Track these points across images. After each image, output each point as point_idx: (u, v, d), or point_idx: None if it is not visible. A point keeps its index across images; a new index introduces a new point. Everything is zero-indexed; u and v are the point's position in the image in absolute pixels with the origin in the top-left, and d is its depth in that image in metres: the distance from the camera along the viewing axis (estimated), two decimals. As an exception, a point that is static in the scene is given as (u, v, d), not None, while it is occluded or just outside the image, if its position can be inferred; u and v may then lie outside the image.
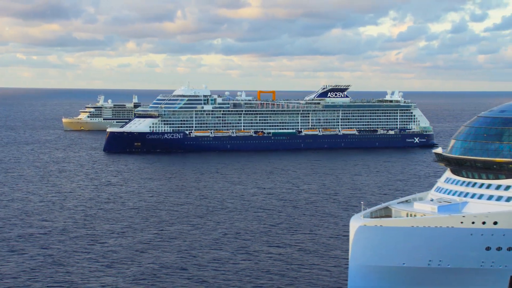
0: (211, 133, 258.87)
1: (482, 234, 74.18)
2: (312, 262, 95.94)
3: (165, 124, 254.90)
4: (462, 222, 74.55)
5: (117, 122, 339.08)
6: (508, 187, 77.14)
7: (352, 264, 78.04)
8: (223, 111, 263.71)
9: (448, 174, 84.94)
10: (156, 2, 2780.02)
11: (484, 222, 73.87)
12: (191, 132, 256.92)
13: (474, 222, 74.08)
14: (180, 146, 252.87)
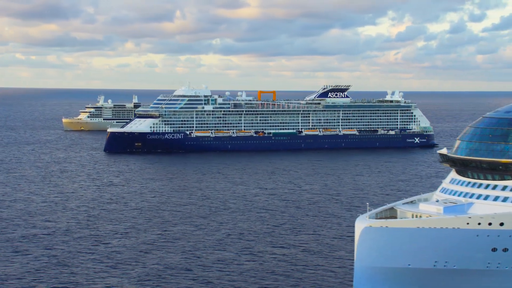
0: (212, 133, 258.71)
1: (488, 235, 74.07)
2: (316, 263, 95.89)
3: (165, 124, 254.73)
4: (468, 223, 74.42)
5: (117, 122, 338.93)
6: (514, 188, 77.09)
7: (357, 265, 77.92)
8: (224, 111, 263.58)
9: (453, 175, 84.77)
10: (155, 2, 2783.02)
11: (490, 223, 73.75)
12: (192, 132, 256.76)
13: (480, 223, 73.96)
14: (180, 146, 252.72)
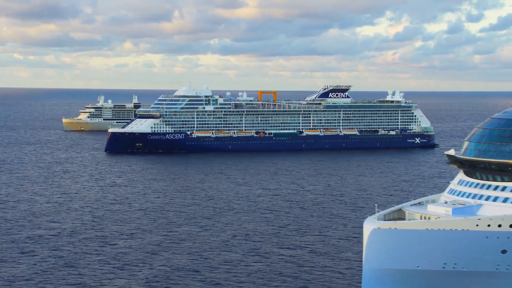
0: (213, 133, 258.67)
1: (498, 237, 74.08)
2: (324, 264, 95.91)
3: (166, 124, 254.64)
4: (477, 225, 74.45)
5: (117, 123, 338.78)
6: (524, 190, 77.10)
7: (366, 267, 77.89)
8: (225, 112, 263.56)
9: (461, 176, 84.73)
10: (153, 2, 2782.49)
11: (500, 225, 73.79)
12: (193, 132, 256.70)
13: (489, 225, 73.99)
14: (181, 146, 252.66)
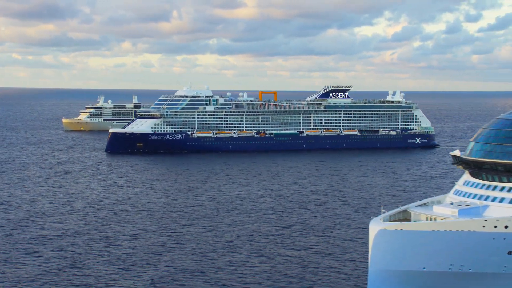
0: (213, 133, 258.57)
1: (504, 238, 74.08)
2: (328, 265, 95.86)
3: (167, 124, 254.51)
4: (484, 226, 74.43)
5: (117, 123, 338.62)
6: (530, 191, 77.07)
7: (372, 268, 77.77)
8: (225, 112, 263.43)
9: (466, 177, 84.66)
10: (152, 2, 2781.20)
11: (506, 226, 73.77)
12: (193, 132, 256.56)
13: (496, 226, 73.99)
14: (182, 146, 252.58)
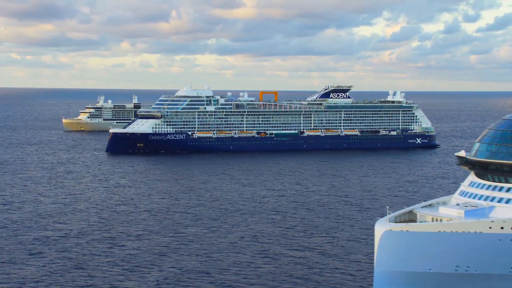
0: (214, 134, 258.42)
1: (511, 240, 73.98)
2: (333, 266, 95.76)
3: (167, 125, 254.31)
4: (490, 227, 74.34)
5: (117, 123, 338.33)
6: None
7: (377, 269, 77.52)
8: (226, 112, 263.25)
9: (472, 177, 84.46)
10: (151, 2, 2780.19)
11: (513, 227, 73.75)
12: (194, 133, 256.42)
13: (503, 227, 73.87)
14: (182, 147, 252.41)
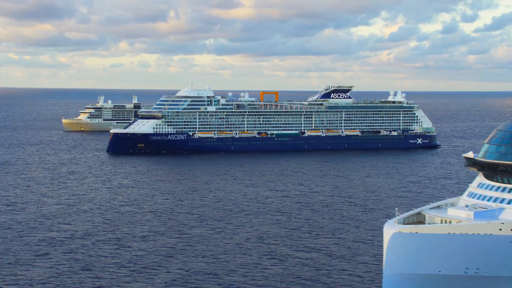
0: (215, 134, 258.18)
1: (521, 241, 73.88)
2: (340, 267, 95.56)
3: (168, 125, 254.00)
4: (500, 229, 74.20)
5: (117, 123, 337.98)
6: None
7: (386, 271, 77.30)
8: (227, 112, 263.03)
9: (480, 179, 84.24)
10: (149, 2, 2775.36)
11: (524, 229, 73.58)
12: (195, 133, 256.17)
13: (513, 229, 73.81)
14: (183, 147, 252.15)
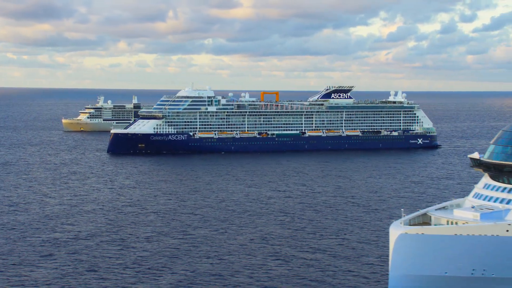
0: (215, 134, 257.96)
1: (529, 243, 73.83)
2: (346, 268, 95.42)
3: (169, 125, 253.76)
4: (507, 230, 74.20)
5: (117, 123, 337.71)
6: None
7: (392, 273, 77.35)
8: (227, 112, 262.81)
9: (486, 180, 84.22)
10: (148, 2, 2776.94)
11: (530, 230, 73.54)
12: (195, 133, 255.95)
13: (520, 230, 73.78)
14: (184, 147, 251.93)
